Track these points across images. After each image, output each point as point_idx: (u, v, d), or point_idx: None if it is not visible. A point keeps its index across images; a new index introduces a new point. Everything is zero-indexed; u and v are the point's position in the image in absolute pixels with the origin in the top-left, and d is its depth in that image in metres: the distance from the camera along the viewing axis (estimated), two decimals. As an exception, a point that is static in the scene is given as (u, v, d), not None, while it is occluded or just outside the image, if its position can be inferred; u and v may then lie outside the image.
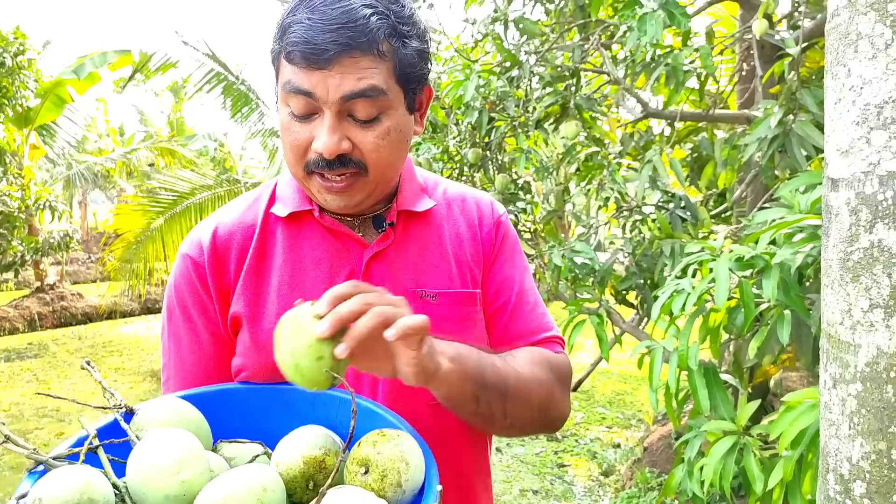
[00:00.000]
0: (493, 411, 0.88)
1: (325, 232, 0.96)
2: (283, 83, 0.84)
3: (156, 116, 19.41)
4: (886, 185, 0.71)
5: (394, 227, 0.97)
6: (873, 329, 0.72)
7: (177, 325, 0.97)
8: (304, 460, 0.72)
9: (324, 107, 0.83)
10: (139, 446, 0.67)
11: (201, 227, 0.99)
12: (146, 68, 7.97)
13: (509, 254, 1.06)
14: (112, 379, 6.82)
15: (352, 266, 0.95)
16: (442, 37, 4.12)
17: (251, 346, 0.93)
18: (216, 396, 0.87)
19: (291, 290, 0.93)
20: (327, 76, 0.81)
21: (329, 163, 0.85)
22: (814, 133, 2.02)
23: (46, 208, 10.43)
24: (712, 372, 1.62)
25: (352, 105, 0.83)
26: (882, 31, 0.72)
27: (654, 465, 3.78)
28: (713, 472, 1.49)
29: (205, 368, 0.96)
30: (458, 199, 1.07)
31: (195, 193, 7.41)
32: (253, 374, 0.92)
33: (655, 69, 2.41)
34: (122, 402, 0.76)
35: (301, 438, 0.75)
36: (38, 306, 10.38)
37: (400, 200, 0.99)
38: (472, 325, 0.99)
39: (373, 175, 0.88)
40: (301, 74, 0.82)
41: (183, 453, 0.66)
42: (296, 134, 0.86)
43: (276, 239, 0.97)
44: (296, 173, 0.90)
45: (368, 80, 0.82)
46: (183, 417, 0.76)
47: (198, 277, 0.94)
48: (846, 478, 0.76)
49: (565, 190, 3.64)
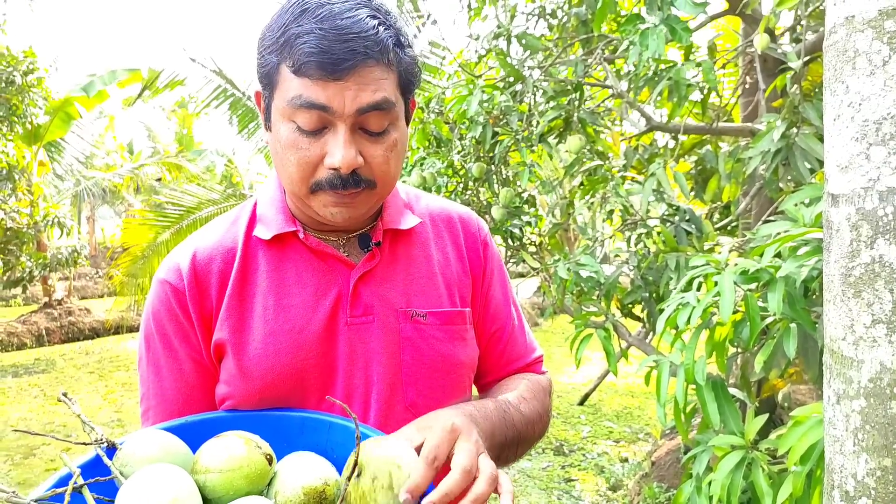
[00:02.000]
0: (507, 461, 0.94)
1: (310, 253, 0.93)
2: (291, 98, 0.80)
3: (163, 132, 19.59)
4: (886, 200, 0.71)
5: (380, 246, 0.95)
6: (876, 345, 0.72)
7: (156, 354, 0.93)
8: (305, 491, 0.70)
9: (338, 120, 0.80)
10: (129, 485, 0.65)
11: (178, 252, 0.95)
12: (154, 85, 8.05)
13: (498, 275, 1.07)
14: (119, 394, 6.82)
15: (339, 288, 0.92)
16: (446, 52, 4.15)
17: (236, 373, 0.89)
18: (202, 426, 0.84)
19: (277, 315, 0.90)
20: (344, 88, 0.78)
21: (344, 180, 0.82)
22: (817, 146, 2.02)
23: (55, 224, 10.51)
24: (720, 386, 1.61)
25: (365, 118, 0.81)
26: (879, 48, 0.72)
27: (662, 479, 3.75)
28: (721, 488, 1.48)
29: (188, 398, 0.93)
30: (443, 215, 1.05)
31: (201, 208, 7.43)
32: (239, 402, 0.89)
33: (658, 83, 2.42)
34: (103, 436, 0.73)
35: (299, 468, 0.72)
36: (46, 321, 10.42)
37: (385, 219, 0.96)
38: (462, 344, 0.98)
39: (380, 188, 0.87)
40: (315, 87, 0.78)
41: (177, 490, 0.64)
42: (305, 151, 0.82)
43: (259, 262, 0.93)
44: (298, 191, 0.86)
45: (382, 92, 0.80)
46: (170, 451, 0.73)
47: (178, 304, 0.91)
48: (851, 494, 0.76)
49: (570, 203, 3.64)
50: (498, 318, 1.04)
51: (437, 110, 3.45)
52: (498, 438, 0.86)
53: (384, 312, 0.93)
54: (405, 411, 0.92)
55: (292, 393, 0.89)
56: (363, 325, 0.91)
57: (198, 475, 0.70)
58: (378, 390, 0.91)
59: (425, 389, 0.93)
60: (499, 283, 1.06)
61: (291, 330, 0.90)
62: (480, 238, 1.06)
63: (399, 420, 0.91)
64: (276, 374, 0.89)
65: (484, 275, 1.04)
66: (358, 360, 0.91)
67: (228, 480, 0.69)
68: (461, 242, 1.04)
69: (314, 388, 0.90)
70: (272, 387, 0.89)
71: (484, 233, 1.07)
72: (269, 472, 0.72)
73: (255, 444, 0.72)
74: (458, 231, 1.04)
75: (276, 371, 0.89)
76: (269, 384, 0.88)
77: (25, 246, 9.98)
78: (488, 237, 1.07)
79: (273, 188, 0.98)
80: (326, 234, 0.95)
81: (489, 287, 1.04)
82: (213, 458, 0.71)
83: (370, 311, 0.92)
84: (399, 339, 0.93)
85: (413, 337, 0.93)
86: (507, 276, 1.10)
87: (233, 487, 0.69)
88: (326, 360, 0.91)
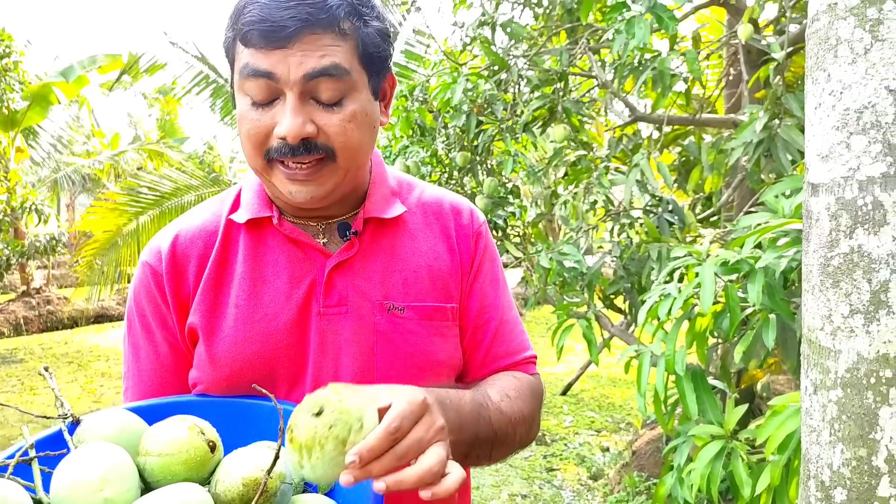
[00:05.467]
0: (480, 460, 0.90)
1: (286, 241, 0.91)
2: (240, 68, 0.80)
3: (145, 119, 19.30)
4: (866, 190, 0.71)
5: (359, 235, 0.92)
6: (853, 335, 0.72)
7: (136, 335, 0.94)
8: (244, 482, 0.68)
9: (285, 88, 0.78)
10: (65, 461, 0.65)
11: (162, 234, 0.94)
12: (135, 69, 7.91)
13: (490, 269, 1.02)
14: (98, 384, 6.75)
15: (313, 277, 0.90)
16: (430, 40, 4.12)
17: (206, 359, 0.88)
18: (168, 408, 0.83)
19: (250, 303, 0.89)
20: (288, 55, 0.77)
21: (293, 148, 0.80)
22: (799, 137, 2.02)
23: (33, 211, 10.33)
24: (700, 376, 1.62)
25: (315, 85, 0.79)
26: (861, 35, 0.72)
27: (643, 468, 3.78)
28: (701, 477, 1.48)
29: (162, 380, 0.93)
30: (435, 205, 1.01)
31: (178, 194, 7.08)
32: (208, 388, 0.89)
33: (643, 73, 2.42)
34: (70, 411, 0.73)
35: (246, 458, 0.71)
36: (24, 310, 10.26)
37: (367, 207, 0.93)
38: (442, 340, 0.94)
39: (342, 160, 0.83)
40: (259, 56, 0.78)
41: (108, 469, 0.64)
42: (254, 122, 0.81)
43: (238, 247, 0.91)
44: (256, 165, 0.84)
45: (331, 58, 0.78)
46: (125, 430, 0.73)
47: (156, 286, 0.91)
48: (827, 484, 0.76)
49: (554, 193, 3.64)
50: (484, 312, 0.99)
51: (420, 98, 3.42)
52: (467, 434, 0.82)
53: (358, 304, 0.90)
54: None
55: (260, 381, 0.87)
56: (336, 315, 0.89)
57: (139, 457, 0.70)
58: (349, 383, 0.89)
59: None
60: (489, 275, 1.01)
61: (263, 318, 0.88)
62: (474, 229, 1.01)
63: None
64: (244, 362, 0.87)
65: (475, 267, 0.99)
66: (328, 352, 0.89)
67: (166, 465, 0.69)
68: (452, 234, 0.99)
69: (283, 378, 0.89)
70: (239, 374, 0.87)
71: (478, 224, 1.02)
72: (211, 459, 0.71)
73: (199, 430, 0.71)
74: (450, 222, 1.00)
75: (244, 359, 0.87)
76: (237, 371, 0.87)
77: (2, 233, 9.81)
78: (483, 228, 1.03)
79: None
80: (306, 221, 0.93)
81: (476, 279, 0.99)
82: (155, 441, 0.70)
83: (344, 302, 0.90)
84: (373, 332, 0.90)
85: (388, 330, 0.90)
86: (500, 271, 1.05)
87: (170, 472, 0.69)
88: (296, 350, 0.89)
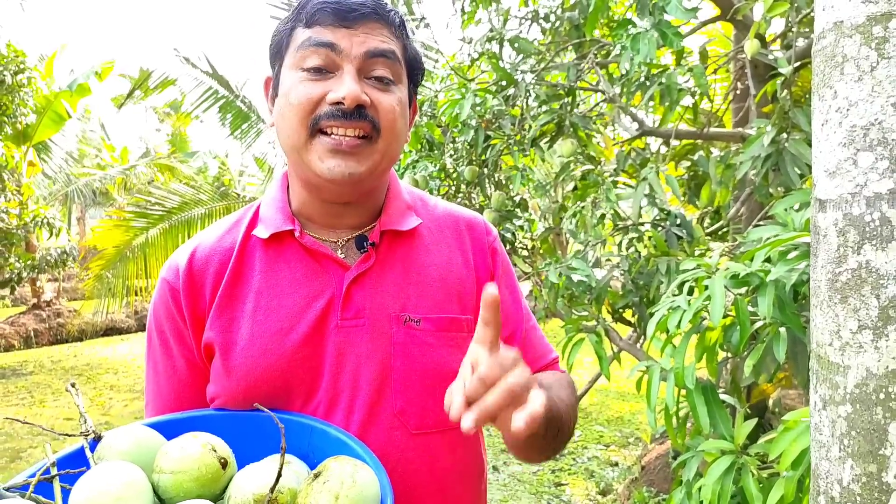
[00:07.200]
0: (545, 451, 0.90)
1: (306, 254, 0.92)
2: (298, 45, 0.84)
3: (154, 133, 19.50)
4: (873, 206, 0.71)
5: (376, 247, 0.93)
6: (862, 350, 0.72)
7: (155, 351, 0.95)
8: (255, 498, 0.69)
9: (345, 61, 0.83)
10: (83, 478, 0.66)
11: (180, 251, 0.96)
12: (145, 85, 8.00)
13: (508, 282, 1.04)
14: (108, 396, 6.77)
15: (332, 290, 0.91)
16: (439, 55, 4.16)
17: (223, 372, 0.89)
18: (186, 423, 0.84)
19: (266, 315, 0.90)
20: (352, 34, 0.83)
21: (346, 113, 0.83)
22: (807, 151, 2.03)
23: (44, 225, 10.43)
24: (711, 390, 1.61)
25: (373, 63, 0.85)
26: (867, 53, 0.72)
27: (652, 484, 3.75)
28: (711, 493, 1.47)
29: (180, 395, 0.94)
30: (448, 219, 1.03)
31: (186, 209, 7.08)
32: (226, 402, 0.90)
33: (650, 88, 2.43)
34: (92, 428, 0.73)
35: (257, 474, 0.72)
36: (35, 323, 10.33)
37: (384, 219, 0.95)
38: (457, 352, 0.94)
39: (382, 142, 0.87)
40: (325, 31, 0.83)
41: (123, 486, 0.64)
42: (306, 91, 0.83)
43: (255, 262, 0.93)
44: (296, 140, 0.85)
45: (390, 45, 0.86)
46: (142, 446, 0.74)
47: (173, 303, 0.92)
48: (837, 500, 0.75)
49: (562, 207, 3.65)
50: (508, 322, 1.01)
51: (429, 113, 3.45)
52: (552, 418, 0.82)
53: (376, 316, 0.91)
54: (392, 418, 0.90)
55: (276, 394, 0.88)
56: (353, 328, 0.90)
57: (153, 475, 0.71)
58: (364, 395, 0.89)
59: (415, 397, 0.91)
60: (507, 286, 1.03)
61: (279, 331, 0.89)
62: (488, 243, 1.03)
63: (384, 427, 0.89)
64: (259, 375, 0.88)
65: (491, 279, 1.00)
66: (346, 364, 0.90)
67: (179, 482, 0.70)
68: (467, 247, 1.01)
69: (299, 391, 0.89)
70: (255, 387, 0.88)
71: (492, 237, 1.05)
72: (223, 475, 0.72)
73: (211, 447, 0.72)
74: (465, 235, 1.02)
75: (259, 371, 0.88)
76: (253, 384, 0.88)
77: (14, 247, 9.89)
78: (496, 242, 1.05)
79: (276, 188, 0.99)
80: (326, 234, 0.95)
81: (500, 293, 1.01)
82: (168, 459, 0.71)
83: (361, 315, 0.90)
84: (390, 344, 0.90)
85: (404, 342, 0.91)
86: (515, 280, 1.07)
87: (183, 489, 0.70)
88: (312, 362, 0.89)
